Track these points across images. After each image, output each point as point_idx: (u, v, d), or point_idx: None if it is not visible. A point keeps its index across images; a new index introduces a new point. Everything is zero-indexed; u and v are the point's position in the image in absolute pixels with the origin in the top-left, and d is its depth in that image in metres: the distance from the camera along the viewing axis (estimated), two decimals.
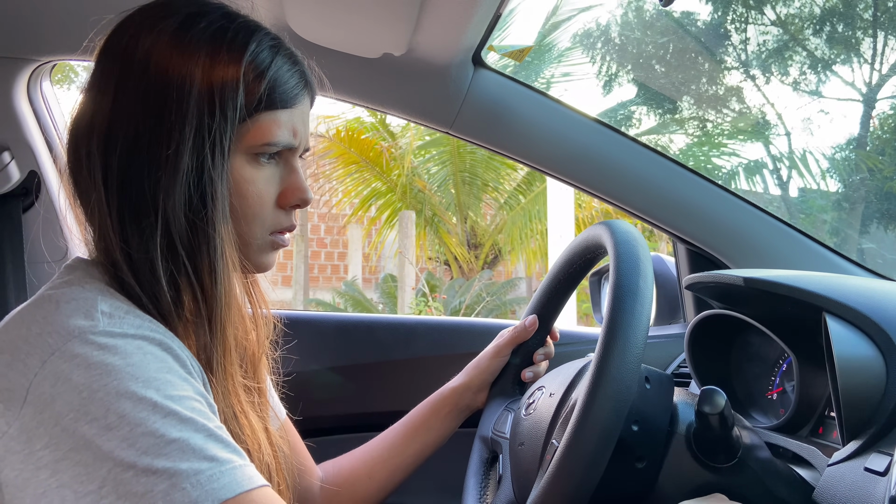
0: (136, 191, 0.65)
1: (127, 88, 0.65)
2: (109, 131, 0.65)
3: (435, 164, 7.77)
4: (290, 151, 0.73)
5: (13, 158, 1.23)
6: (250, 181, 0.70)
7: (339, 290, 7.66)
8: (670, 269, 1.39)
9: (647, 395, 0.76)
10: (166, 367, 0.59)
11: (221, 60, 0.67)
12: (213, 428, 0.58)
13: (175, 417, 0.56)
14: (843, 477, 0.67)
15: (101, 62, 0.68)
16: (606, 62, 8.79)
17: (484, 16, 1.03)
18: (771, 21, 8.42)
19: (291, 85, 0.71)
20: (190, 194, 0.65)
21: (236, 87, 0.67)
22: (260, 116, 0.69)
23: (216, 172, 0.66)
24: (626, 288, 0.72)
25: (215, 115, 0.65)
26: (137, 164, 0.65)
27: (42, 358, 0.57)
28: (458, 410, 1.04)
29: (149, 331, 0.61)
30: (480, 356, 1.06)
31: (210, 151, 0.65)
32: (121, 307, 0.62)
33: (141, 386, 0.56)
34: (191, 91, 0.65)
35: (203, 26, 0.68)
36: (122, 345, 0.58)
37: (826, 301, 0.77)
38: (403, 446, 1.02)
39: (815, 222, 7.85)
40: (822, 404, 0.84)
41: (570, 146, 1.24)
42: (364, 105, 1.28)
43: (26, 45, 1.18)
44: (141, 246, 0.65)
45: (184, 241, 0.66)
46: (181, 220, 0.65)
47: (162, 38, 0.66)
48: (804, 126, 8.52)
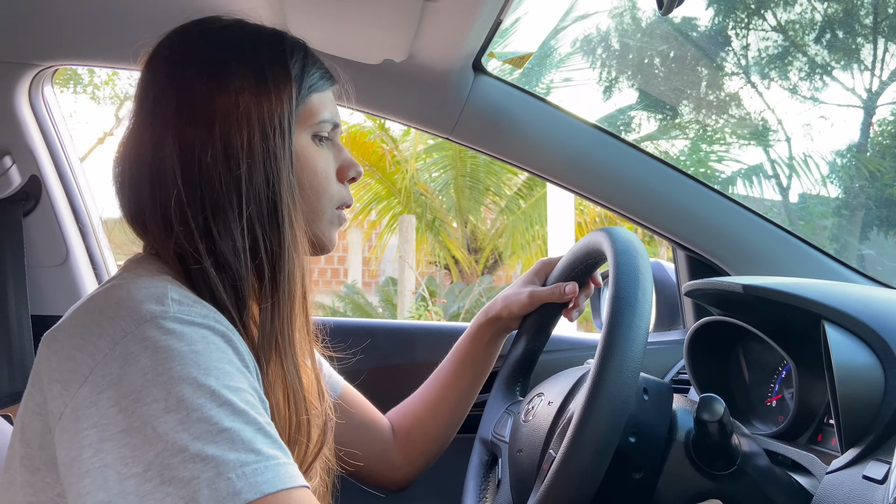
0: (217, 180, 0.69)
1: (188, 97, 0.71)
2: (179, 133, 0.70)
3: (436, 168, 7.77)
4: (334, 130, 0.81)
5: (14, 163, 1.24)
6: (316, 157, 0.78)
7: (339, 294, 7.65)
8: (670, 276, 1.39)
9: (646, 406, 0.76)
10: (227, 359, 0.61)
11: (267, 57, 0.74)
12: (264, 423, 0.60)
13: (230, 408, 0.58)
14: (841, 485, 0.67)
15: (156, 77, 0.74)
16: (607, 68, 8.80)
17: (484, 22, 1.03)
18: (771, 27, 8.44)
19: (322, 72, 0.80)
20: (267, 175, 0.71)
21: (288, 78, 0.74)
22: (310, 98, 0.77)
23: (283, 156, 0.73)
24: (625, 300, 0.72)
25: (272, 103, 0.72)
26: (213, 154, 0.69)
27: (114, 340, 0.59)
28: (498, 335, 1.08)
29: (214, 321, 0.63)
30: (514, 295, 1.05)
31: (275, 137, 0.72)
32: (189, 296, 0.65)
33: (202, 373, 0.58)
34: (250, 88, 0.72)
35: (238, 33, 0.76)
36: (189, 332, 0.60)
37: (825, 309, 0.77)
38: (456, 381, 1.07)
39: (815, 228, 7.85)
40: (821, 412, 0.84)
41: (570, 152, 1.25)
42: (365, 111, 1.29)
43: (28, 49, 1.18)
44: (229, 236, 0.69)
45: (263, 224, 0.71)
46: (262, 200, 0.71)
47: (209, 48, 0.74)
48: (804, 132, 8.53)
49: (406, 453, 1.06)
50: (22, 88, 1.22)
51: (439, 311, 6.90)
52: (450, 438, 1.08)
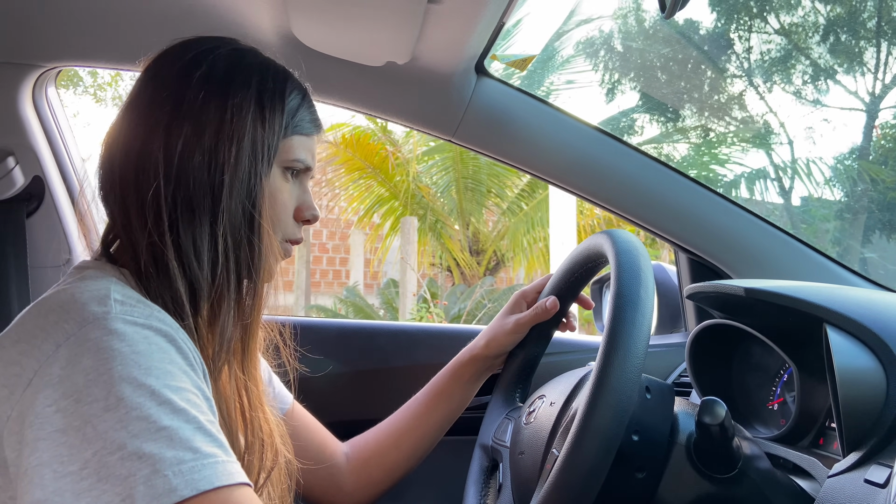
0: (195, 183, 0.72)
1: (188, 98, 0.74)
2: (170, 133, 0.73)
3: (438, 170, 7.78)
4: (305, 172, 0.84)
5: (18, 164, 1.24)
6: (280, 190, 0.80)
7: (341, 296, 7.66)
8: (671, 278, 1.39)
9: (648, 405, 0.76)
10: (168, 359, 0.62)
11: (269, 88, 0.78)
12: (204, 421, 0.61)
13: (169, 406, 0.59)
14: (843, 488, 0.67)
15: (159, 76, 0.77)
16: (609, 71, 8.80)
17: (487, 25, 1.04)
18: (774, 30, 8.44)
19: (311, 118, 0.84)
20: (248, 190, 0.75)
21: (282, 109, 0.79)
22: (293, 138, 0.80)
23: (265, 177, 0.77)
24: (627, 298, 0.72)
25: (265, 129, 0.77)
26: (200, 164, 0.73)
27: (57, 342, 0.61)
28: (478, 375, 1.08)
29: (156, 321, 0.65)
30: (498, 328, 1.06)
31: (262, 157, 0.76)
32: (133, 296, 0.67)
33: (143, 373, 0.59)
34: (248, 109, 0.76)
35: (250, 59, 0.80)
36: (131, 332, 0.62)
37: (827, 312, 0.77)
38: (426, 415, 1.06)
39: (817, 232, 7.84)
40: (823, 415, 0.83)
41: (572, 155, 1.25)
42: (367, 113, 1.29)
43: (32, 50, 1.18)
44: (192, 239, 0.72)
45: (235, 237, 0.74)
46: (237, 217, 0.74)
47: (219, 63, 0.77)
48: (807, 135, 8.52)
49: (360, 480, 1.04)
50: (25, 89, 1.22)
51: (441, 313, 6.90)
52: (408, 471, 1.06)
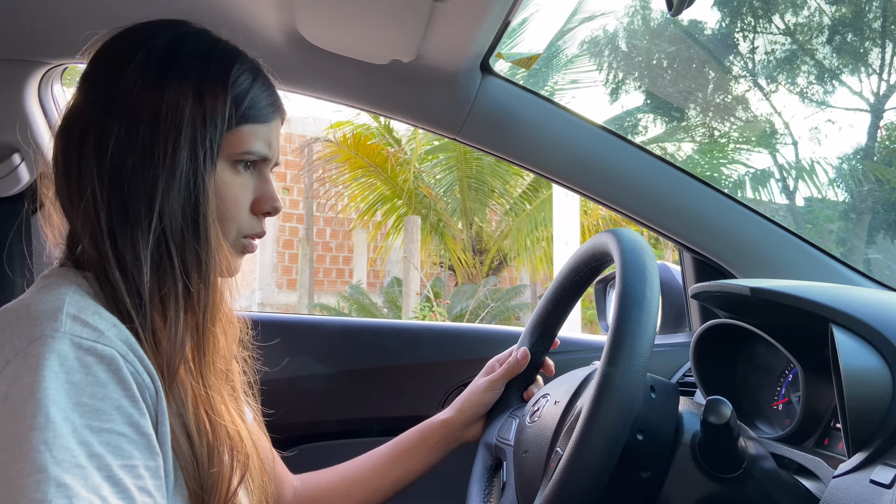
0: (130, 188, 0.70)
1: (122, 96, 0.71)
2: (103, 134, 0.70)
3: (441, 169, 7.78)
4: (263, 162, 0.80)
5: (23, 160, 1.24)
6: (230, 185, 0.76)
7: (344, 295, 7.66)
8: (676, 278, 1.39)
9: (653, 404, 0.76)
10: (102, 393, 0.61)
11: (211, 77, 0.74)
12: (117, 468, 0.59)
13: (86, 448, 0.58)
14: (848, 489, 0.66)
15: (96, 71, 0.74)
16: (614, 70, 8.79)
17: (493, 23, 1.03)
18: (779, 30, 8.42)
19: (268, 103, 0.79)
20: (187, 192, 0.71)
21: (225, 100, 0.74)
22: (241, 128, 0.76)
23: (207, 174, 0.73)
24: (633, 297, 0.72)
25: (206, 124, 0.73)
26: (132, 163, 0.70)
27: (7, 358, 0.60)
28: (447, 443, 1.04)
29: (104, 342, 0.63)
30: (473, 389, 1.05)
31: (203, 155, 0.72)
32: (88, 308, 0.65)
33: (71, 406, 0.58)
34: (185, 101, 0.72)
35: (192, 45, 0.75)
36: (72, 358, 0.60)
37: (833, 312, 0.76)
38: (385, 470, 1.02)
39: (822, 232, 7.83)
40: (828, 415, 0.83)
41: (577, 154, 1.25)
42: (372, 111, 1.29)
43: (38, 47, 1.18)
44: (129, 240, 0.69)
45: (176, 236, 0.71)
46: (176, 216, 0.71)
47: (155, 53, 0.73)
48: (811, 135, 8.50)
49: None
50: (31, 86, 1.22)
51: (443, 312, 6.90)
52: None
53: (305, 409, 1.32)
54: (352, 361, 1.35)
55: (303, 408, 1.32)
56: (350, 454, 1.07)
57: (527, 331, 1.08)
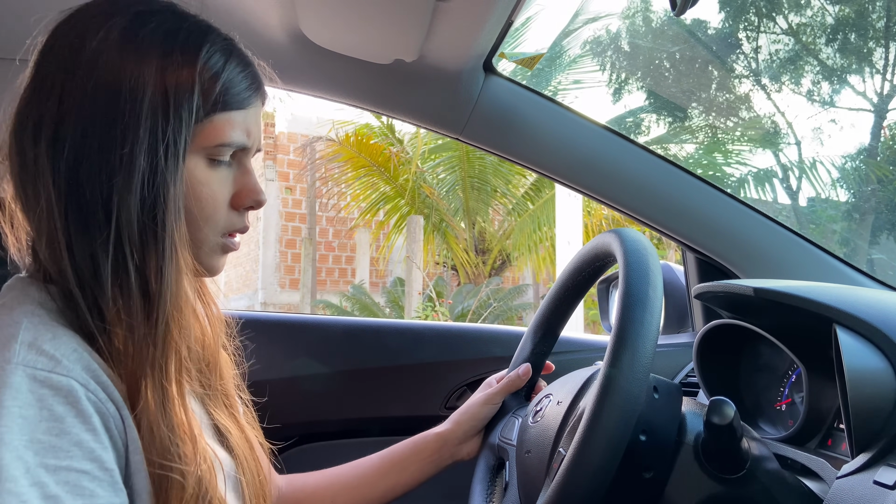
0: (87, 193, 0.63)
1: (74, 90, 0.64)
2: (57, 133, 0.64)
3: (444, 168, 7.78)
4: (243, 152, 0.73)
5: None
6: (205, 183, 0.69)
7: (347, 294, 7.67)
8: (679, 278, 1.39)
9: (656, 404, 0.76)
10: (58, 429, 0.56)
11: (175, 62, 0.66)
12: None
13: (40, 490, 0.54)
14: (851, 490, 0.66)
15: (45, 61, 0.67)
16: (617, 70, 8.78)
17: (496, 23, 1.03)
18: (783, 30, 8.40)
19: (244, 86, 0.71)
20: (144, 196, 0.64)
21: (192, 88, 0.66)
22: (214, 117, 0.68)
23: (170, 174, 0.65)
24: (636, 297, 0.72)
25: (169, 116, 0.65)
26: (88, 165, 0.63)
27: None
28: (441, 458, 1.00)
29: (61, 372, 0.58)
30: (470, 403, 1.03)
31: (164, 153, 0.65)
32: (45, 333, 0.60)
33: (24, 444, 0.54)
34: (144, 93, 0.64)
35: (153, 26, 0.67)
36: (25, 391, 0.56)
37: (836, 312, 0.76)
38: (374, 479, 0.98)
39: (825, 232, 7.82)
40: (832, 416, 0.83)
41: (580, 153, 1.24)
42: (374, 110, 1.29)
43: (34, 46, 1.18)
44: (87, 250, 0.63)
45: (134, 244, 0.64)
46: (133, 223, 0.64)
47: (111, 37, 0.65)
48: (815, 135, 8.49)
49: None
50: None
51: (446, 311, 6.90)
52: None
53: (307, 408, 1.32)
54: (354, 361, 1.35)
55: (304, 407, 1.32)
56: (351, 454, 1.06)
57: (529, 331, 1.08)
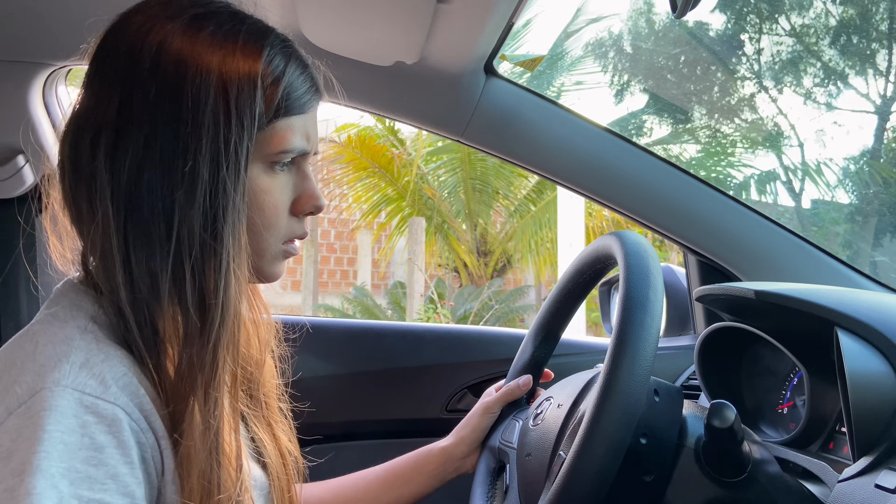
0: (148, 208, 0.61)
1: (134, 97, 0.62)
2: (117, 144, 0.61)
3: (446, 170, 7.78)
4: (302, 157, 0.70)
5: (28, 162, 1.24)
6: (267, 191, 0.67)
7: (348, 296, 7.67)
8: (681, 280, 1.38)
9: (656, 407, 0.76)
10: (96, 459, 0.55)
11: (236, 68, 0.63)
12: None
13: None
14: (853, 493, 0.66)
15: (101, 68, 0.65)
16: (619, 72, 8.78)
17: (497, 25, 1.03)
18: (785, 31, 8.40)
19: (304, 90, 0.69)
20: (206, 209, 0.62)
21: (253, 95, 0.63)
22: (276, 123, 0.66)
23: (232, 185, 0.63)
24: (636, 300, 0.71)
25: (231, 125, 0.62)
26: (149, 179, 0.61)
27: (9, 409, 0.55)
28: (444, 471, 1.00)
29: (110, 398, 0.57)
30: (470, 415, 1.03)
31: (227, 163, 0.62)
32: (98, 354, 0.58)
33: (60, 471, 0.52)
34: (206, 101, 0.62)
35: (212, 29, 0.64)
36: (70, 415, 0.54)
37: (838, 315, 0.76)
38: (378, 492, 0.98)
39: (828, 235, 7.80)
40: (833, 419, 0.83)
41: (582, 156, 1.24)
42: (376, 113, 1.29)
43: (42, 49, 1.19)
44: (146, 265, 0.61)
45: (196, 258, 0.62)
46: (195, 235, 0.62)
47: (169, 43, 0.63)
48: (817, 137, 8.48)
49: None
50: (36, 88, 1.23)
51: (448, 313, 6.90)
52: None
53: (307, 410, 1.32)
54: (355, 363, 1.35)
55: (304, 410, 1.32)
56: (351, 456, 1.07)
57: (530, 333, 1.08)
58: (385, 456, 1.33)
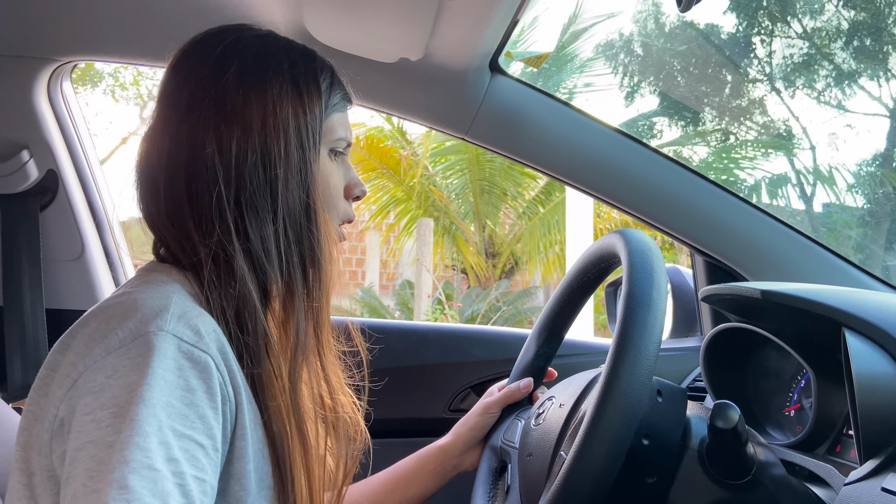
0: (255, 188, 0.72)
1: (231, 99, 0.73)
2: (218, 133, 0.72)
3: (454, 171, 7.78)
4: (347, 149, 0.83)
5: (32, 157, 1.25)
6: (331, 172, 0.80)
7: (356, 297, 7.67)
8: (688, 281, 1.37)
9: (659, 408, 0.75)
10: (189, 400, 0.61)
11: (302, 71, 0.77)
12: (190, 478, 0.58)
13: (164, 450, 0.57)
14: (859, 497, 0.65)
15: (193, 79, 0.74)
16: (629, 73, 8.75)
17: (501, 21, 1.03)
18: (797, 34, 8.35)
19: (343, 92, 0.82)
20: (301, 186, 0.74)
21: (319, 92, 0.77)
22: (332, 116, 0.80)
23: (314, 165, 0.76)
24: (639, 299, 0.70)
25: (307, 115, 0.76)
26: (253, 163, 0.72)
27: (108, 349, 0.61)
28: (444, 470, 1.02)
29: (202, 348, 0.63)
30: (469, 413, 1.04)
31: (308, 146, 0.75)
32: (192, 309, 0.66)
33: (161, 404, 0.58)
34: (287, 98, 0.74)
35: (273, 45, 0.78)
36: (171, 357, 0.61)
37: (846, 316, 0.75)
38: (382, 496, 1.01)
39: (840, 238, 7.75)
40: (841, 422, 0.81)
41: (587, 154, 1.23)
42: (380, 110, 1.28)
43: (46, 45, 1.19)
44: (259, 234, 0.72)
45: (295, 228, 0.74)
46: (295, 210, 0.74)
47: (248, 54, 0.75)
48: (829, 141, 8.43)
49: None
50: (41, 83, 1.23)
51: (455, 314, 6.89)
52: None
53: None
54: (357, 362, 1.34)
55: None
56: None
57: (534, 332, 1.07)
58: (387, 455, 1.32)
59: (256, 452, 0.69)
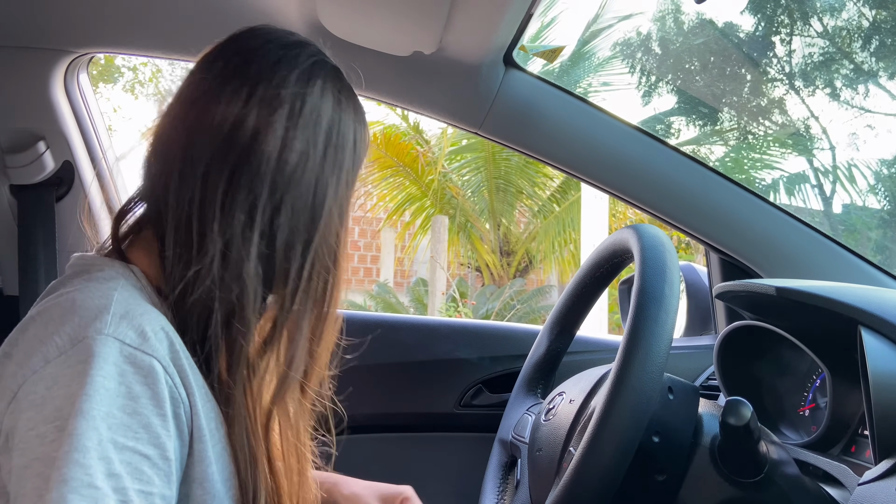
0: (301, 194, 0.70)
1: (289, 101, 0.70)
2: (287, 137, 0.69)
3: (469, 169, 7.76)
4: None
5: (48, 148, 1.26)
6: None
7: (371, 293, 7.69)
8: (702, 279, 1.36)
9: (670, 405, 0.74)
10: (132, 408, 0.57)
11: (341, 83, 0.76)
12: (133, 493, 0.56)
13: (105, 465, 0.55)
14: (873, 497, 0.63)
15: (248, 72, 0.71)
16: (647, 72, 8.70)
17: (515, 15, 1.02)
18: (817, 33, 8.26)
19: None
20: (339, 209, 0.73)
21: (356, 102, 0.77)
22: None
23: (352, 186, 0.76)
24: (651, 294, 0.70)
25: (351, 124, 0.75)
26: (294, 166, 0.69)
27: (46, 358, 0.58)
28: None
29: (148, 350, 0.60)
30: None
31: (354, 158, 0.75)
32: (137, 306, 0.62)
33: (101, 415, 0.55)
34: (327, 106, 0.72)
35: (308, 50, 0.75)
36: (111, 362, 0.57)
37: (862, 314, 0.73)
38: None
39: (860, 238, 7.65)
40: (856, 422, 0.80)
41: (602, 150, 1.22)
42: (393, 103, 1.28)
43: (63, 36, 1.20)
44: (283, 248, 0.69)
45: (323, 256, 0.72)
46: (332, 232, 0.72)
47: (292, 54, 0.73)
48: (850, 141, 8.32)
49: None
50: (57, 75, 1.24)
51: (469, 312, 6.88)
52: None
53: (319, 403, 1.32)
54: (367, 356, 1.34)
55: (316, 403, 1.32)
56: (363, 450, 1.06)
57: (545, 328, 1.06)
58: (396, 449, 1.33)
59: (219, 454, 0.65)
